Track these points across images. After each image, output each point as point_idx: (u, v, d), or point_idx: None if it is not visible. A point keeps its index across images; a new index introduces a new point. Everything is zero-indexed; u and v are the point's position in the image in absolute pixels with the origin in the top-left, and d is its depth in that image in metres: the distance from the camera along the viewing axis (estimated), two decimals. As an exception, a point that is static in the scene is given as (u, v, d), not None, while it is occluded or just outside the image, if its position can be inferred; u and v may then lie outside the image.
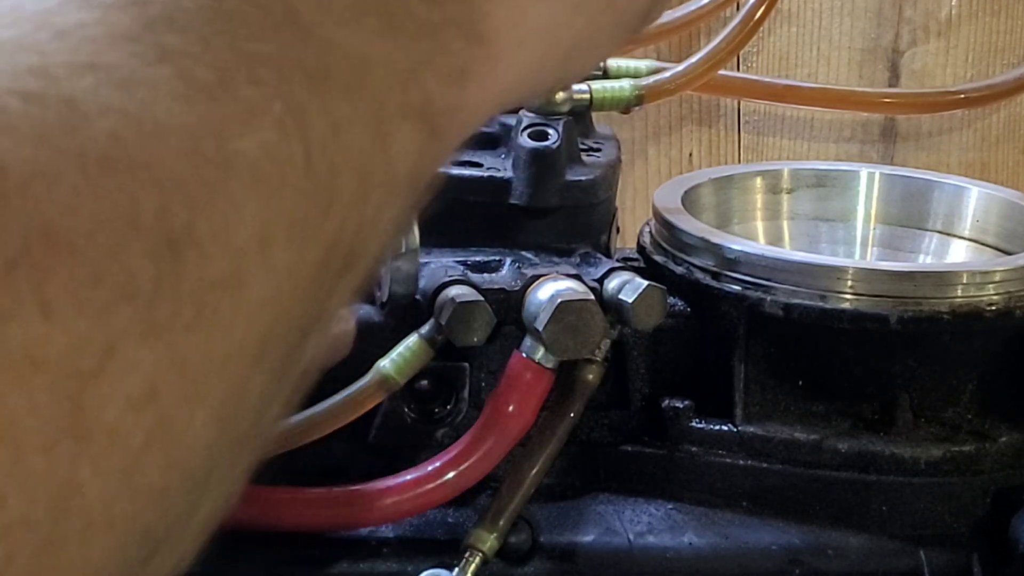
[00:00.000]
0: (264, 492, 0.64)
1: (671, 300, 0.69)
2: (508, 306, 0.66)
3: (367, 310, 0.68)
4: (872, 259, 0.81)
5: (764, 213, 0.82)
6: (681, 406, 0.69)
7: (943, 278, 0.68)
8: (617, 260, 0.71)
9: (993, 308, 0.67)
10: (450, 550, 0.65)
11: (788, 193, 0.83)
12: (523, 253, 0.71)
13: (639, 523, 0.68)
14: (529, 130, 0.73)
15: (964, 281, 0.68)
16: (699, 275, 0.70)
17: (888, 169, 0.85)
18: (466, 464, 0.65)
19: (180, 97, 0.29)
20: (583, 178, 0.73)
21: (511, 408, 0.65)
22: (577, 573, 0.67)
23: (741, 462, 0.69)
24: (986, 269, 0.69)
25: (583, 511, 0.69)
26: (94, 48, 0.29)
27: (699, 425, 0.69)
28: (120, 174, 0.27)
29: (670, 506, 0.69)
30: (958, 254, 0.80)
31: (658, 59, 1.01)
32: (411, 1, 0.35)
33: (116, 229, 0.27)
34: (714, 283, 0.69)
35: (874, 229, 0.82)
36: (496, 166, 0.73)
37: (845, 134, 1.14)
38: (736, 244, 0.70)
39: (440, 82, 0.35)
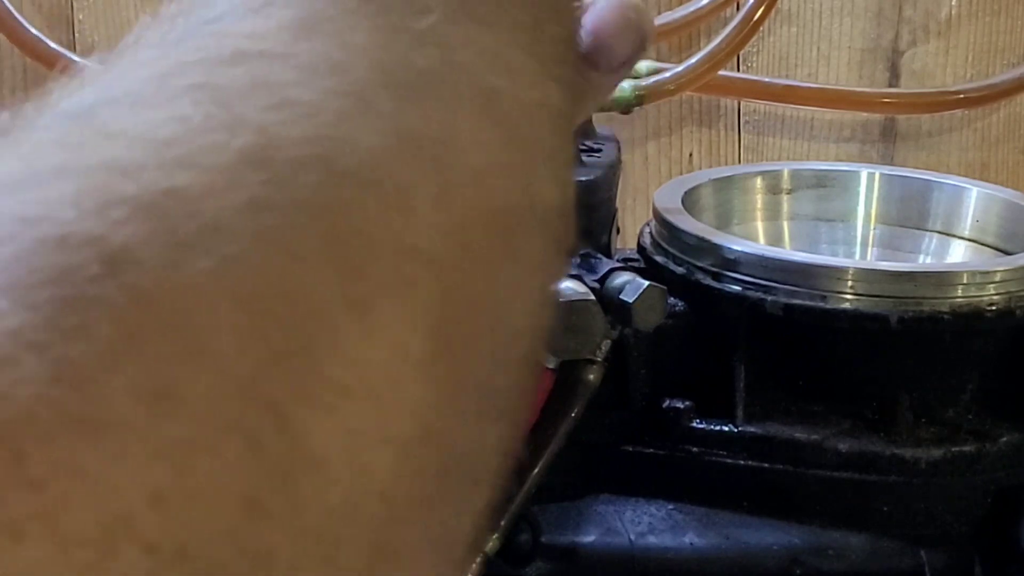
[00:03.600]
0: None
1: (671, 300, 0.69)
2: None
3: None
4: (872, 259, 0.81)
5: (764, 213, 0.82)
6: (682, 406, 0.69)
7: (943, 278, 0.68)
8: (617, 260, 0.71)
9: (993, 308, 0.67)
10: (451, 550, 0.65)
11: (788, 193, 0.82)
12: (524, 254, 0.70)
13: (640, 523, 0.68)
14: (529, 131, 0.73)
15: (964, 281, 0.68)
16: (699, 275, 0.70)
17: (888, 169, 0.85)
18: (467, 465, 0.65)
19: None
20: (583, 179, 0.72)
21: (512, 409, 0.65)
22: (578, 573, 0.67)
23: (742, 462, 0.69)
24: (986, 269, 0.69)
25: (584, 511, 0.69)
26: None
27: (700, 425, 0.69)
28: None
29: (671, 506, 0.69)
30: (958, 254, 0.80)
31: (658, 59, 1.02)
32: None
33: None
34: (714, 283, 0.69)
35: (874, 229, 0.82)
36: (496, 167, 0.72)
37: (845, 134, 1.14)
38: (736, 244, 0.70)
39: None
